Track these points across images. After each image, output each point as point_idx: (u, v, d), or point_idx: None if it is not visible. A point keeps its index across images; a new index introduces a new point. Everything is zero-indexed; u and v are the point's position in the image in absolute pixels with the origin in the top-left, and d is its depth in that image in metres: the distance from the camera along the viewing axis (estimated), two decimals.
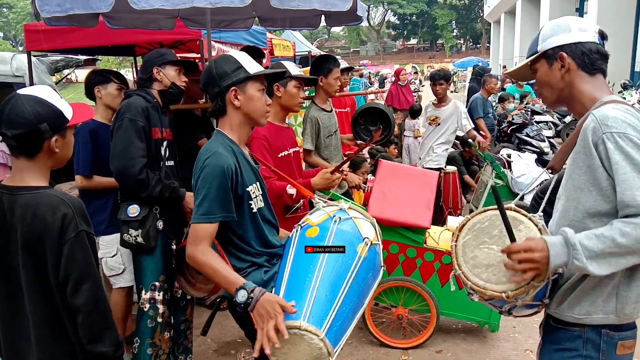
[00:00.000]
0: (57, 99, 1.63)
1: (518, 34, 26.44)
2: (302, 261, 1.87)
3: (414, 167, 4.62)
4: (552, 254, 1.43)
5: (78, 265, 1.56)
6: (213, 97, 1.97)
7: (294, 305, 1.70)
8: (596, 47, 1.58)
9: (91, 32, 4.55)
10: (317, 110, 3.59)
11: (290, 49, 9.17)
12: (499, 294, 1.51)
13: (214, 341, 3.65)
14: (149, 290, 2.71)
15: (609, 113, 1.44)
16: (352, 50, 63.16)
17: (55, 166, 1.68)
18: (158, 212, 2.69)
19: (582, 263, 1.39)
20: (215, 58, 1.99)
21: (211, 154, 1.85)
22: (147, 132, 2.66)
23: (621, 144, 1.39)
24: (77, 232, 1.55)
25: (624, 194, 1.37)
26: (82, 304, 1.56)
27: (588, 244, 1.39)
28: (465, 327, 3.77)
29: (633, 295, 1.48)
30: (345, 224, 2.00)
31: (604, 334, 1.52)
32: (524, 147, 6.66)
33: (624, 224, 1.36)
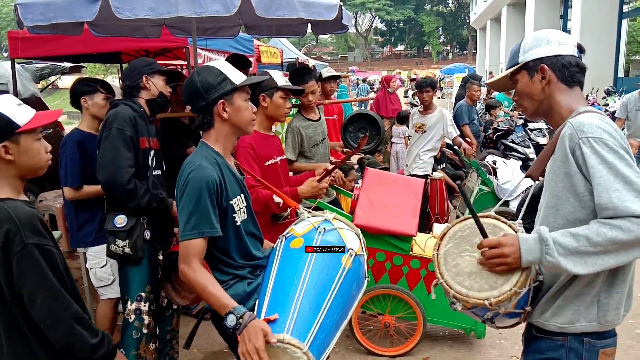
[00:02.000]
0: (9, 107, 1.60)
1: (504, 41, 26.78)
2: (286, 273, 1.86)
3: (400, 175, 4.64)
4: (524, 249, 1.45)
5: (29, 280, 1.53)
6: (199, 111, 1.93)
7: (277, 319, 1.70)
8: (575, 60, 1.61)
9: (76, 39, 4.52)
10: (301, 120, 3.60)
11: (278, 55, 9.19)
12: (481, 301, 1.51)
13: (200, 351, 3.62)
14: (135, 301, 2.69)
15: (585, 120, 1.48)
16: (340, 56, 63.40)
17: (25, 175, 1.65)
18: (145, 222, 2.68)
19: (554, 259, 1.40)
20: (197, 70, 1.96)
21: (194, 168, 1.83)
22: (135, 142, 2.65)
23: (597, 148, 1.42)
24: (23, 246, 1.52)
25: (601, 196, 1.40)
26: (40, 318, 1.55)
27: (562, 240, 1.41)
28: (452, 334, 3.78)
29: (614, 302, 1.50)
30: (329, 234, 2.00)
31: (586, 342, 1.53)
32: (509, 153, 6.73)
33: (600, 224, 1.38)
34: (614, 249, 1.37)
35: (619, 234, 1.35)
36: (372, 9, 56.17)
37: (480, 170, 5.47)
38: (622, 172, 1.39)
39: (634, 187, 1.37)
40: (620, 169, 1.39)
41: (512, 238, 1.49)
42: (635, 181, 1.38)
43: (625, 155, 1.42)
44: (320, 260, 1.90)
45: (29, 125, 1.61)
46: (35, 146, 1.64)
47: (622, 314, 1.55)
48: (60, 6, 2.92)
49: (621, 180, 1.38)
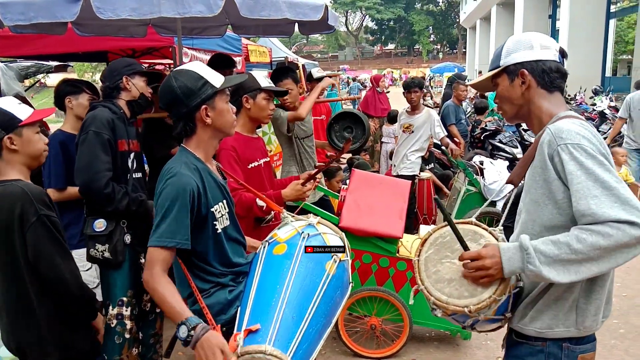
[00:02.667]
0: (11, 105, 1.93)
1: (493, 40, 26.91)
2: (268, 280, 1.83)
3: (386, 177, 4.64)
4: (505, 259, 1.44)
5: (46, 245, 1.83)
6: (180, 118, 1.85)
7: (259, 329, 1.66)
8: (556, 66, 1.60)
9: (61, 38, 4.46)
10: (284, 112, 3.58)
11: (267, 55, 9.13)
12: (461, 308, 1.50)
13: (185, 354, 3.59)
14: (117, 306, 2.65)
15: (564, 126, 1.47)
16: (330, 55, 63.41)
17: (31, 163, 1.97)
18: (125, 226, 2.63)
19: (537, 267, 1.38)
20: (174, 75, 1.86)
21: (173, 174, 1.78)
22: (113, 145, 2.60)
23: (575, 154, 1.41)
24: (37, 217, 1.81)
25: (579, 203, 1.38)
26: (59, 277, 1.86)
27: (543, 249, 1.39)
28: (438, 335, 3.78)
29: (592, 307, 1.50)
30: (313, 240, 1.96)
31: (564, 347, 1.53)
32: (497, 153, 6.74)
33: (580, 231, 1.37)
34: (595, 256, 1.35)
35: (599, 240, 1.33)
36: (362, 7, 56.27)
37: (467, 171, 5.47)
38: (601, 178, 1.38)
39: (613, 192, 1.36)
40: (599, 174, 1.38)
41: (493, 249, 1.48)
42: (614, 186, 1.37)
43: (604, 161, 1.42)
44: (304, 267, 1.86)
45: (29, 119, 1.93)
46: (35, 138, 1.97)
47: (601, 319, 1.55)
48: (41, 6, 2.86)
49: (600, 186, 1.37)
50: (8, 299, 1.91)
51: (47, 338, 1.93)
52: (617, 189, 1.37)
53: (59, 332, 1.95)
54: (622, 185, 1.38)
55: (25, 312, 1.91)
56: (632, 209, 1.33)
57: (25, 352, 1.94)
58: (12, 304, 1.91)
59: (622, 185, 1.38)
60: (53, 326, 1.94)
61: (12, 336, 1.95)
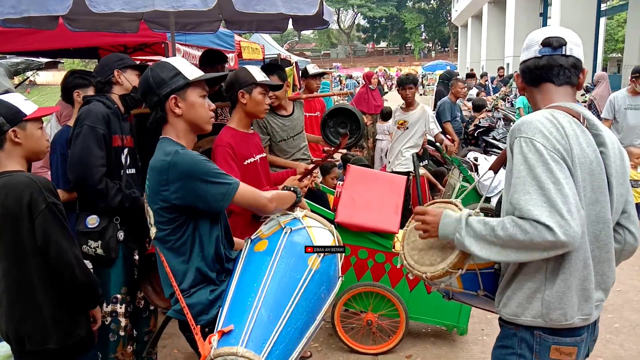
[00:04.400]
0: (17, 100, 2.00)
1: (484, 38, 26.97)
2: (246, 279, 1.80)
3: (382, 172, 4.63)
4: (442, 222, 1.59)
5: (54, 232, 1.88)
6: (152, 107, 1.90)
7: (232, 330, 1.63)
8: (534, 63, 1.64)
9: (52, 34, 4.40)
10: (268, 114, 3.55)
11: (260, 51, 9.09)
12: (420, 273, 1.69)
13: (180, 352, 3.56)
14: (110, 303, 2.61)
15: (529, 118, 1.53)
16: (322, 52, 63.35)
17: (31, 157, 2.03)
18: (119, 222, 2.59)
19: (462, 237, 1.51)
20: (151, 66, 1.92)
21: (174, 153, 1.79)
22: (107, 140, 2.56)
23: (524, 148, 1.47)
24: (46, 204, 1.87)
25: (513, 196, 1.46)
26: (65, 263, 1.91)
27: (475, 225, 1.50)
28: (435, 331, 3.78)
29: (554, 300, 1.51)
30: (297, 234, 1.93)
31: (536, 335, 1.56)
32: (490, 150, 6.77)
33: (509, 220, 1.44)
34: (512, 246, 1.43)
35: (517, 233, 1.40)
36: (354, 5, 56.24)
37: (461, 167, 5.48)
38: (539, 176, 1.42)
39: (545, 193, 1.40)
40: (538, 172, 1.42)
41: (439, 212, 1.63)
42: (548, 187, 1.40)
43: (549, 160, 1.43)
44: (284, 263, 1.83)
45: (34, 115, 1.99)
46: (38, 133, 2.02)
47: (578, 316, 1.53)
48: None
49: (536, 184, 1.42)
50: (10, 285, 1.93)
51: (48, 324, 1.94)
52: (550, 190, 1.40)
53: (60, 319, 1.97)
54: (559, 187, 1.40)
55: (28, 298, 1.94)
56: (555, 213, 1.38)
57: (24, 339, 1.95)
58: (15, 290, 1.93)
59: (559, 187, 1.40)
60: (55, 313, 1.96)
61: (11, 323, 1.95)
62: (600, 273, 1.59)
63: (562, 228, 1.36)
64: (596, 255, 1.56)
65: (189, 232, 1.84)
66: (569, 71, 1.62)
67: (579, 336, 1.57)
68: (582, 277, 1.53)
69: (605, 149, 1.57)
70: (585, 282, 1.54)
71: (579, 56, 1.64)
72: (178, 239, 1.84)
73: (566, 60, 1.62)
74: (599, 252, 1.57)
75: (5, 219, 1.88)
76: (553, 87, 1.64)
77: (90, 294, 2.07)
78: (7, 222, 1.88)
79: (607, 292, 1.64)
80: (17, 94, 2.07)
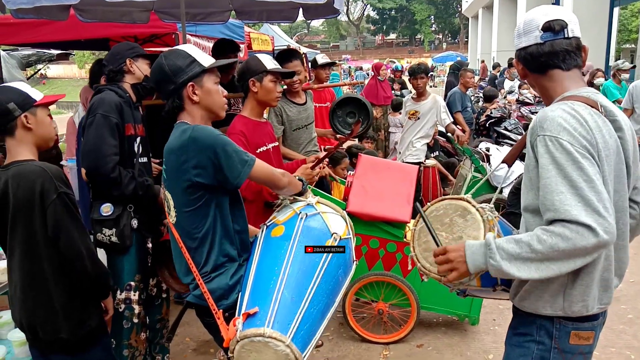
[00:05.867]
0: (25, 87, 1.99)
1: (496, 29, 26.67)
2: (266, 263, 1.81)
3: (393, 162, 4.61)
4: (468, 254, 1.49)
5: (66, 222, 1.87)
6: (168, 95, 1.89)
7: (257, 312, 1.65)
8: (538, 50, 1.56)
9: (63, 25, 4.43)
10: (284, 102, 3.55)
11: (269, 43, 9.07)
12: (439, 277, 1.63)
13: (192, 340, 3.59)
14: (124, 290, 2.63)
15: (550, 114, 1.45)
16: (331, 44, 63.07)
17: (41, 145, 2.00)
18: (132, 210, 2.60)
19: (497, 262, 1.41)
20: (163, 54, 1.90)
21: (192, 129, 1.80)
22: (120, 129, 2.56)
23: (550, 147, 1.40)
24: (58, 194, 1.86)
25: (545, 197, 1.39)
26: (76, 253, 1.90)
27: (506, 246, 1.42)
28: (446, 320, 3.77)
29: (577, 293, 1.49)
30: (312, 220, 1.95)
31: (556, 321, 1.54)
32: (502, 140, 6.71)
33: (542, 232, 1.37)
34: (554, 256, 1.36)
35: (559, 242, 1.34)
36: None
37: (473, 158, 5.44)
38: (570, 175, 1.36)
39: (579, 192, 1.35)
40: (569, 171, 1.37)
41: (459, 246, 1.54)
42: (581, 186, 1.35)
43: (579, 158, 1.38)
44: (302, 247, 1.85)
45: (43, 100, 1.98)
46: (47, 120, 2.01)
47: (597, 306, 1.53)
48: None
49: (567, 184, 1.36)
50: (23, 274, 1.93)
51: (60, 314, 1.95)
52: (583, 189, 1.35)
53: (71, 309, 1.97)
54: (592, 185, 1.35)
55: (40, 288, 1.94)
56: (593, 212, 1.33)
57: (37, 328, 1.96)
58: (27, 280, 1.93)
59: (592, 185, 1.35)
60: (66, 303, 1.96)
61: (24, 312, 1.96)
62: (617, 260, 1.58)
63: (601, 226, 1.32)
64: (615, 243, 1.54)
65: (211, 213, 1.84)
66: (574, 54, 1.56)
67: (596, 320, 1.57)
68: (603, 269, 1.52)
69: (622, 134, 1.54)
70: (605, 273, 1.53)
71: (579, 34, 1.57)
72: (200, 221, 1.83)
73: (569, 42, 1.54)
74: (617, 240, 1.55)
75: (17, 209, 1.87)
76: (561, 72, 1.57)
77: (101, 285, 2.06)
78: (19, 212, 1.87)
79: (622, 277, 1.63)
80: (21, 82, 2.06)
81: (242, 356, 1.65)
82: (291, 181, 2.05)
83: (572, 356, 1.55)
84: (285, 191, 2.04)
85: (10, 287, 2.03)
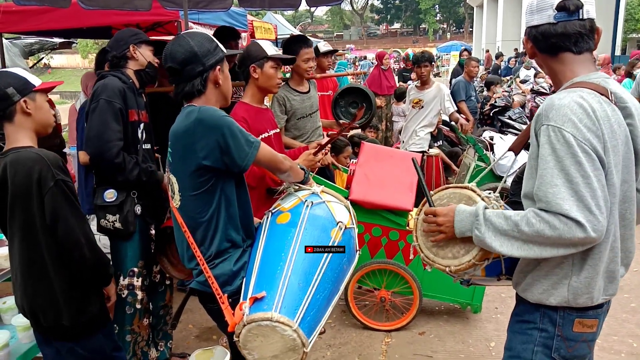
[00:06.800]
0: (24, 73, 1.97)
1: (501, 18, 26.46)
2: (273, 249, 1.81)
3: (396, 150, 4.59)
4: (457, 220, 1.53)
5: (63, 209, 1.86)
6: (192, 77, 1.84)
7: (265, 296, 1.65)
8: (550, 30, 1.51)
9: (65, 13, 4.41)
10: (287, 91, 3.54)
11: (272, 31, 9.02)
12: (443, 267, 1.62)
13: (195, 327, 3.61)
14: (127, 276, 2.65)
15: (557, 102, 1.42)
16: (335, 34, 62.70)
17: (40, 131, 1.98)
18: (136, 196, 2.61)
19: (482, 234, 1.45)
20: (186, 35, 1.88)
21: (197, 110, 1.78)
22: (124, 114, 2.56)
23: (552, 138, 1.39)
24: (55, 182, 1.84)
25: (539, 188, 1.39)
26: (74, 241, 1.88)
27: (494, 220, 1.44)
28: (448, 308, 3.78)
29: (582, 286, 1.49)
30: (318, 208, 1.95)
31: (560, 310, 1.54)
32: (506, 129, 6.68)
33: (534, 215, 1.38)
34: (539, 241, 1.39)
35: (545, 229, 1.36)
36: None
37: (477, 146, 5.42)
38: (567, 169, 1.35)
39: (574, 186, 1.34)
40: (566, 164, 1.36)
41: (449, 209, 1.57)
42: (577, 181, 1.34)
43: (579, 152, 1.36)
44: (308, 234, 1.85)
45: (41, 86, 1.98)
46: (46, 106, 2.00)
47: (602, 296, 1.53)
48: None
49: (564, 177, 1.36)
50: (23, 261, 1.93)
51: (60, 301, 1.95)
52: (579, 184, 1.34)
53: (71, 296, 1.97)
54: (588, 181, 1.35)
55: (40, 275, 1.94)
56: (584, 208, 1.33)
57: (38, 314, 1.97)
58: (27, 267, 1.94)
59: (588, 181, 1.35)
60: (67, 290, 1.96)
61: (25, 298, 1.97)
62: (624, 250, 1.57)
63: (591, 223, 1.33)
64: (622, 234, 1.54)
65: (216, 197, 1.82)
66: (588, 37, 1.50)
67: (600, 308, 1.56)
68: (609, 260, 1.51)
69: (632, 121, 1.51)
70: (611, 264, 1.52)
71: (594, 15, 1.52)
72: (205, 205, 1.82)
73: (583, 25, 1.49)
74: (624, 230, 1.55)
75: (15, 196, 1.86)
76: (572, 56, 1.53)
77: (100, 273, 2.05)
78: (17, 199, 1.86)
79: (628, 266, 1.63)
80: (19, 68, 2.07)
81: (249, 340, 1.66)
82: (292, 166, 2.05)
83: (575, 344, 1.54)
84: (286, 176, 2.04)
85: (12, 273, 2.03)
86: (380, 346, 3.35)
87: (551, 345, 1.55)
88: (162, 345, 2.98)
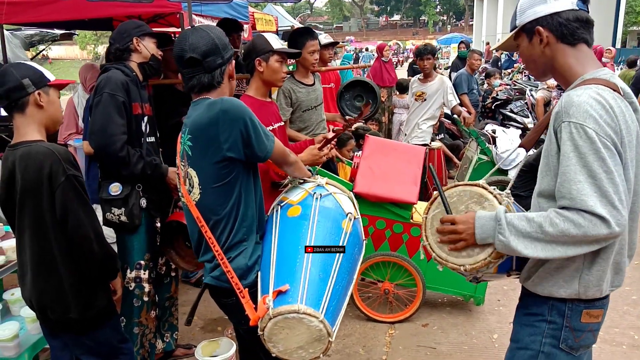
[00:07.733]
0: (40, 67, 2.00)
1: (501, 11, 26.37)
2: (288, 242, 1.81)
3: (401, 143, 4.59)
4: (477, 226, 1.49)
5: (74, 204, 1.87)
6: (213, 68, 1.84)
7: (288, 289, 1.65)
8: (574, 15, 1.49)
9: (67, 4, 4.37)
10: (293, 83, 3.54)
11: (273, 23, 8.98)
12: (457, 266, 1.58)
13: (200, 318, 3.63)
14: (134, 269, 2.66)
15: (576, 99, 1.40)
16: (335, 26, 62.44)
17: (49, 125, 1.98)
18: (141, 189, 2.61)
19: (506, 238, 1.42)
20: (204, 27, 1.89)
21: (220, 101, 1.77)
22: (128, 108, 2.55)
23: (575, 135, 1.37)
24: (66, 177, 1.85)
25: (562, 185, 1.39)
26: (84, 236, 1.90)
27: (516, 223, 1.42)
28: (451, 300, 3.80)
29: (594, 278, 1.50)
30: (326, 200, 1.96)
31: (569, 302, 1.55)
32: (508, 122, 6.68)
33: (556, 215, 1.38)
34: (563, 241, 1.38)
35: (570, 228, 1.35)
36: None
37: (479, 139, 5.42)
38: (591, 165, 1.35)
39: (597, 182, 1.34)
40: (589, 161, 1.35)
41: (468, 216, 1.54)
42: (600, 177, 1.34)
43: (601, 148, 1.35)
44: (322, 226, 1.86)
45: (56, 81, 1.99)
46: (58, 101, 2.01)
47: (609, 288, 1.55)
48: None
49: (587, 173, 1.35)
50: (33, 255, 1.94)
51: (68, 295, 1.96)
52: (602, 180, 1.34)
53: (80, 290, 1.98)
54: (611, 177, 1.34)
55: (50, 270, 1.94)
56: (608, 204, 1.33)
57: (46, 308, 1.98)
58: (36, 261, 1.94)
59: (611, 177, 1.34)
60: (75, 284, 1.97)
61: (34, 292, 1.98)
62: (629, 242, 1.58)
63: (615, 218, 1.33)
64: (629, 226, 1.55)
65: (236, 190, 1.81)
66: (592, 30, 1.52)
67: (605, 298, 1.59)
68: (616, 252, 1.53)
69: (638, 116, 1.51)
70: (617, 256, 1.54)
71: None
72: (226, 197, 1.79)
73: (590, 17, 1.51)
74: (631, 223, 1.56)
75: (25, 191, 1.86)
76: (587, 49, 1.53)
77: (108, 267, 2.05)
78: (27, 194, 1.86)
79: (632, 258, 1.64)
80: (35, 63, 2.07)
81: (274, 333, 1.67)
82: (297, 160, 2.07)
83: (582, 334, 1.56)
84: (292, 169, 2.04)
85: (19, 267, 2.04)
86: (384, 338, 3.37)
87: (559, 336, 1.57)
88: (167, 337, 3.01)
